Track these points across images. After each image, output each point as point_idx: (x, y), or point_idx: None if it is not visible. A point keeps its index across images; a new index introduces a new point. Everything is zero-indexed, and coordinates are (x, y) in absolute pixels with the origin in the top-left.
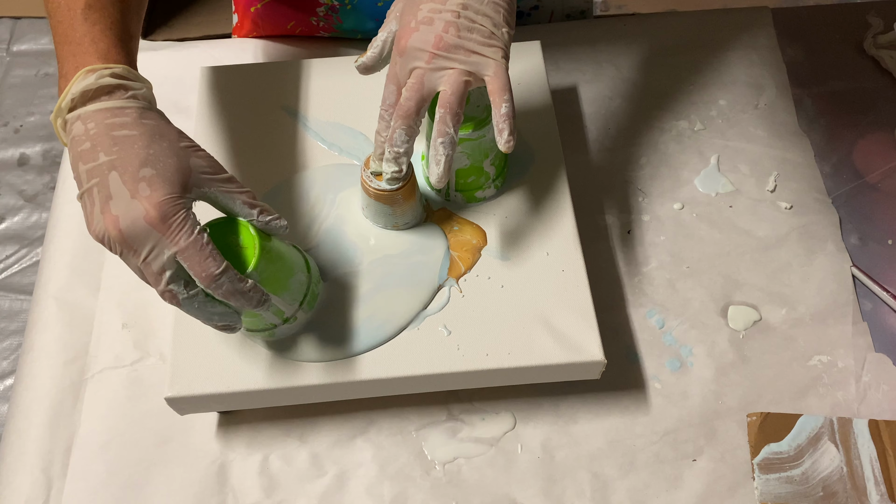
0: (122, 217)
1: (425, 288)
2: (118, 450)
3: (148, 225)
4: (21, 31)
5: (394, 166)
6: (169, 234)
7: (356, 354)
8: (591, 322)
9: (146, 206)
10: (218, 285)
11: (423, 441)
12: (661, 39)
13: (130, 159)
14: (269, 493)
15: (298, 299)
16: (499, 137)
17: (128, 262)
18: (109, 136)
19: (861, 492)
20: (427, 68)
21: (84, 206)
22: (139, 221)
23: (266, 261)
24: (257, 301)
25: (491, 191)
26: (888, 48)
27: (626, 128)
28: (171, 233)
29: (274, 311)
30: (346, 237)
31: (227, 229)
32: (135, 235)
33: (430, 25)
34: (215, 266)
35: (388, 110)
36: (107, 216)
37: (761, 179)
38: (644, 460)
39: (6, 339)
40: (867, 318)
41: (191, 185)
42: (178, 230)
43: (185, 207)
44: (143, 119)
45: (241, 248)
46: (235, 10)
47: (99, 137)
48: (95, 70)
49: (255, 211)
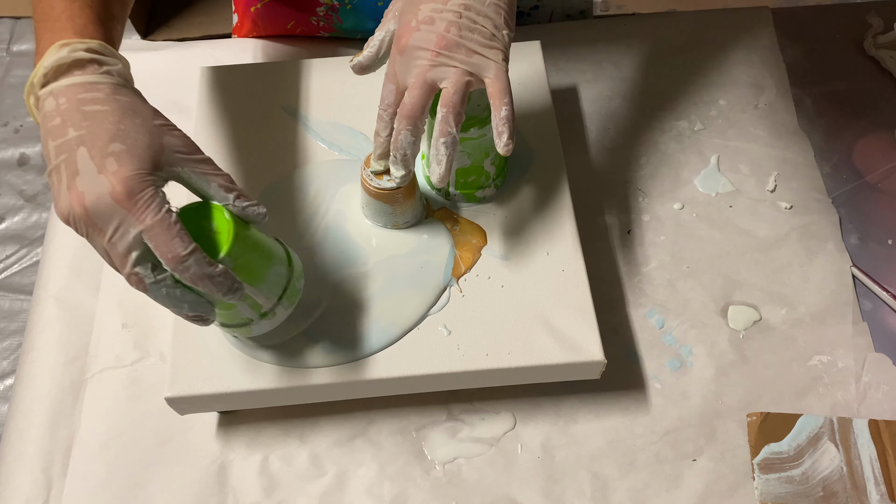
0: (88, 193)
1: (432, 288)
2: (118, 450)
3: (114, 201)
4: (21, 31)
5: (401, 169)
6: (135, 212)
7: (361, 358)
8: (591, 322)
9: (112, 181)
10: (185, 268)
11: (423, 441)
12: (661, 39)
13: (100, 134)
14: (269, 493)
15: (277, 293)
16: (498, 141)
17: (94, 245)
18: (80, 111)
19: (861, 492)
20: (429, 66)
21: (52, 183)
22: (105, 198)
23: (241, 247)
24: (227, 287)
25: (491, 190)
26: (888, 48)
27: (626, 128)
28: (137, 210)
29: (250, 303)
30: (348, 236)
31: (201, 213)
32: (100, 212)
33: (431, 25)
34: (182, 246)
35: (386, 110)
36: (73, 192)
37: (761, 179)
38: (644, 460)
39: (6, 339)
40: (867, 318)
41: (163, 163)
42: (144, 207)
43: (153, 185)
44: (116, 95)
45: (214, 233)
46: (235, 10)
47: (69, 112)
48: (69, 44)
49: (230, 195)
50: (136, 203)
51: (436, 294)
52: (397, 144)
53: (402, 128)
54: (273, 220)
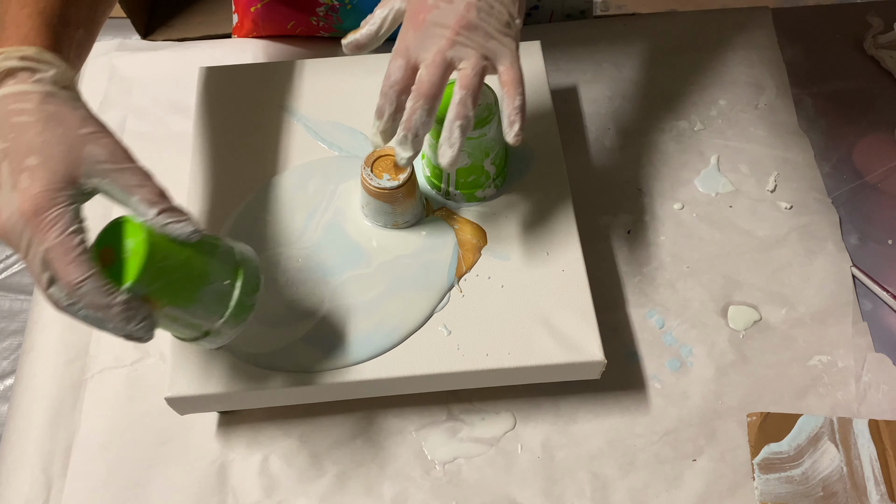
0: (3, 209)
1: (437, 289)
2: (118, 450)
3: (22, 220)
4: None
5: (409, 150)
6: (39, 231)
7: (363, 361)
8: (591, 322)
9: (21, 199)
10: (80, 295)
11: (423, 441)
12: (661, 39)
13: (20, 147)
14: (269, 493)
15: (219, 311)
16: (508, 130)
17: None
18: (8, 123)
19: (861, 492)
20: (449, 44)
21: None
22: (15, 215)
23: (158, 271)
24: (127, 319)
25: (491, 190)
26: (888, 48)
27: (626, 128)
28: (41, 230)
29: (183, 323)
30: (349, 236)
31: (124, 231)
32: (12, 230)
33: (450, 4)
34: (77, 272)
35: (393, 87)
36: None
37: (761, 179)
38: (644, 460)
39: (6, 339)
40: (867, 318)
41: (80, 175)
42: (48, 227)
43: (64, 203)
44: (44, 104)
45: (128, 255)
46: (235, 10)
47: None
48: (2, 52)
49: (152, 210)
50: (40, 223)
51: (441, 294)
52: (410, 123)
53: (418, 106)
54: (269, 218)
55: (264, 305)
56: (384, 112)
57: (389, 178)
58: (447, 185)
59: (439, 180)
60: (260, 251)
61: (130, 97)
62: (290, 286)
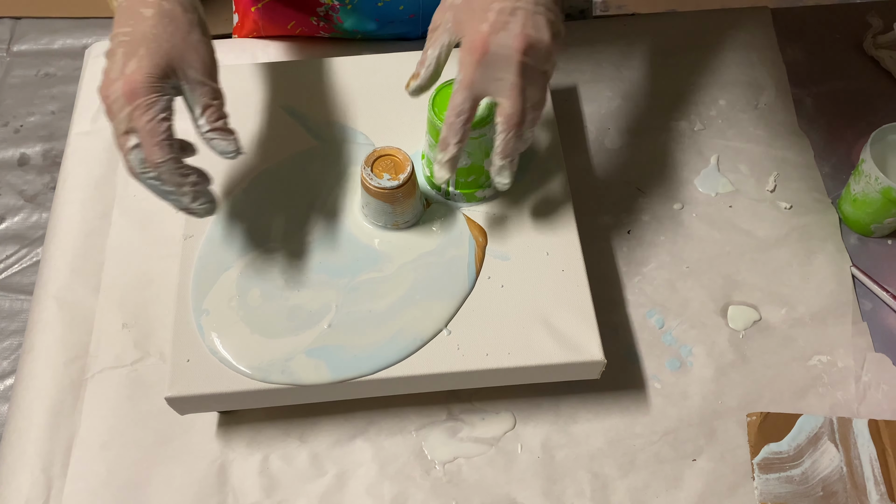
0: (110, 84)
1: (459, 293)
2: (118, 450)
3: (123, 97)
4: (21, 31)
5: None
6: (134, 111)
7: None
8: (591, 322)
9: (126, 80)
10: (159, 173)
11: (423, 441)
12: (661, 39)
13: (136, 36)
14: (269, 493)
15: None
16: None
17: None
18: (133, 11)
19: (861, 491)
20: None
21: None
22: (118, 92)
23: None
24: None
25: (491, 190)
26: (888, 48)
27: (626, 128)
28: (136, 111)
29: None
30: (353, 237)
31: None
32: (113, 102)
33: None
34: (160, 155)
35: (459, 118)
36: (105, 79)
37: (761, 179)
38: (644, 460)
39: (6, 339)
40: (867, 318)
41: (176, 75)
42: (142, 110)
43: (158, 92)
44: (164, 1)
45: None
46: (236, 11)
47: (123, 11)
48: None
49: (207, 125)
50: (136, 105)
51: (464, 295)
52: (507, 151)
53: (511, 137)
54: (267, 207)
55: (261, 312)
56: (449, 143)
57: (389, 178)
58: (447, 185)
59: None
60: (255, 246)
61: None
62: (291, 289)
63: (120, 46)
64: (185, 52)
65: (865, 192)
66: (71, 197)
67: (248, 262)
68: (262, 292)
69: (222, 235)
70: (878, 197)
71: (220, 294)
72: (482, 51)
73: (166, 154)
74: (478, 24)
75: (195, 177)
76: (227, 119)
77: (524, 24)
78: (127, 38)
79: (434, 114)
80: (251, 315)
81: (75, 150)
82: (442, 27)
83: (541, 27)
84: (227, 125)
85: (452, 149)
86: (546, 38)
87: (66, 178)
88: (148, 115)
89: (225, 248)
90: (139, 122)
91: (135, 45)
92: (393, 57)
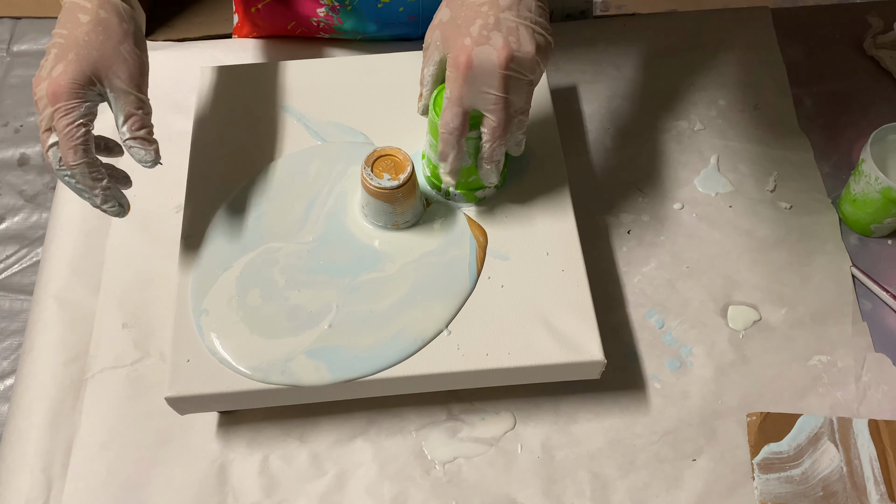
0: (40, 84)
1: (460, 293)
2: (118, 450)
3: (46, 98)
4: (21, 31)
5: (495, 178)
6: (56, 113)
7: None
8: (591, 322)
9: (52, 82)
10: (72, 174)
11: (423, 441)
12: (661, 39)
13: (69, 41)
14: (269, 493)
15: None
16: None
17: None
18: (71, 15)
19: (861, 491)
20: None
21: None
22: (42, 91)
23: None
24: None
25: (491, 191)
26: (888, 48)
27: (626, 128)
28: (57, 112)
29: None
30: (352, 233)
31: None
32: (38, 100)
33: (487, 44)
34: (74, 158)
35: (452, 133)
36: (36, 76)
37: (761, 179)
38: (644, 460)
39: (6, 339)
40: (867, 318)
41: (101, 82)
42: (63, 113)
43: (81, 98)
44: (100, 9)
45: None
46: (236, 11)
47: (66, 13)
48: None
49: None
50: (57, 108)
51: (465, 294)
52: (493, 157)
53: (497, 146)
54: (265, 207)
55: (261, 312)
56: (448, 156)
57: (390, 177)
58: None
59: (440, 180)
60: (255, 245)
61: None
62: (291, 289)
63: (54, 47)
64: (113, 62)
65: (865, 192)
66: (71, 197)
67: (248, 261)
68: (262, 292)
69: (222, 235)
70: (878, 197)
71: (220, 294)
72: (466, 65)
73: (80, 158)
74: (462, 39)
75: (107, 181)
76: (149, 128)
77: (506, 37)
78: (62, 41)
79: (435, 113)
80: (251, 315)
81: None
82: (432, 45)
83: (524, 39)
84: (148, 134)
85: (452, 161)
86: (530, 49)
87: None
88: (67, 118)
89: (224, 248)
90: (58, 124)
91: (67, 48)
92: (393, 57)
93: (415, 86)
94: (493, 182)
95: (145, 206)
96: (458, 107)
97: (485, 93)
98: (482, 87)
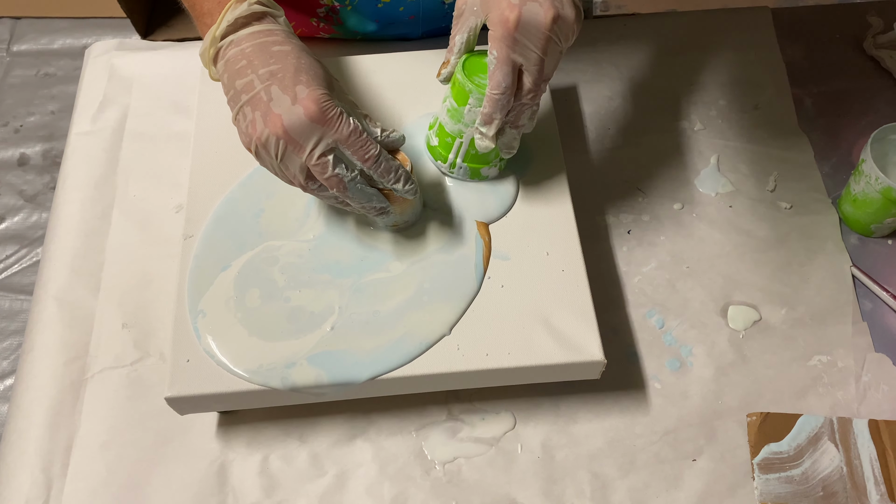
0: (285, 116)
1: (467, 294)
2: (118, 450)
3: (309, 120)
4: (21, 31)
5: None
6: (330, 126)
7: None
8: (591, 322)
9: (306, 104)
10: (377, 164)
11: (423, 441)
12: (661, 39)
13: (288, 68)
14: (269, 493)
15: None
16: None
17: (287, 163)
18: (266, 52)
19: (861, 492)
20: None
21: (240, 121)
22: (301, 118)
23: None
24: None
25: (495, 170)
26: (888, 48)
27: (626, 128)
28: (331, 124)
29: None
30: (361, 234)
31: None
32: (299, 131)
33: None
34: (374, 148)
35: (504, 93)
36: (270, 118)
37: (761, 179)
38: (644, 460)
39: (6, 339)
40: (867, 318)
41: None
42: (337, 121)
43: (337, 105)
44: (291, 38)
45: None
46: None
47: (255, 55)
48: (243, 1)
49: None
50: (329, 120)
51: (471, 297)
52: (518, 122)
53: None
54: (263, 204)
55: (260, 313)
56: (494, 117)
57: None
58: (455, 155)
59: (448, 150)
60: (254, 244)
61: (130, 97)
62: (291, 289)
63: (267, 86)
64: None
65: (865, 192)
66: (71, 197)
67: (247, 261)
68: (262, 292)
69: (220, 234)
70: (878, 197)
71: (217, 294)
72: (516, 19)
73: (376, 145)
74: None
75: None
76: None
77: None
78: (273, 76)
79: (466, 78)
80: (249, 317)
81: (75, 150)
82: (468, 10)
83: (566, 3)
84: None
85: (498, 122)
86: (571, 14)
87: (65, 178)
88: (344, 122)
89: (222, 247)
90: (341, 132)
91: (290, 77)
92: (393, 57)
93: (415, 85)
94: (514, 149)
95: (145, 206)
96: (508, 66)
97: (530, 51)
98: (528, 44)
